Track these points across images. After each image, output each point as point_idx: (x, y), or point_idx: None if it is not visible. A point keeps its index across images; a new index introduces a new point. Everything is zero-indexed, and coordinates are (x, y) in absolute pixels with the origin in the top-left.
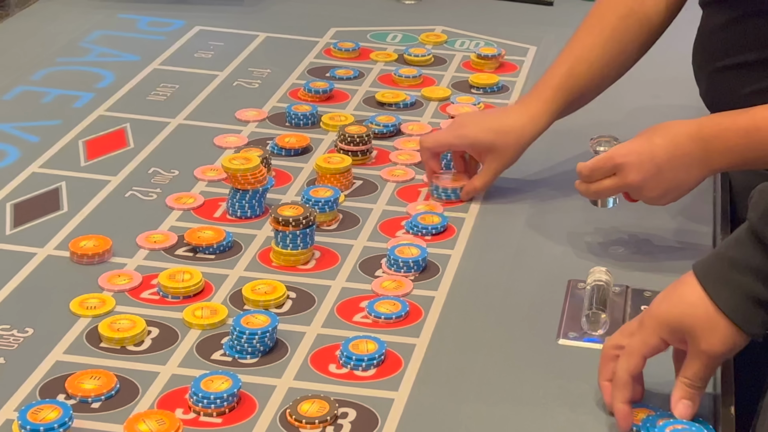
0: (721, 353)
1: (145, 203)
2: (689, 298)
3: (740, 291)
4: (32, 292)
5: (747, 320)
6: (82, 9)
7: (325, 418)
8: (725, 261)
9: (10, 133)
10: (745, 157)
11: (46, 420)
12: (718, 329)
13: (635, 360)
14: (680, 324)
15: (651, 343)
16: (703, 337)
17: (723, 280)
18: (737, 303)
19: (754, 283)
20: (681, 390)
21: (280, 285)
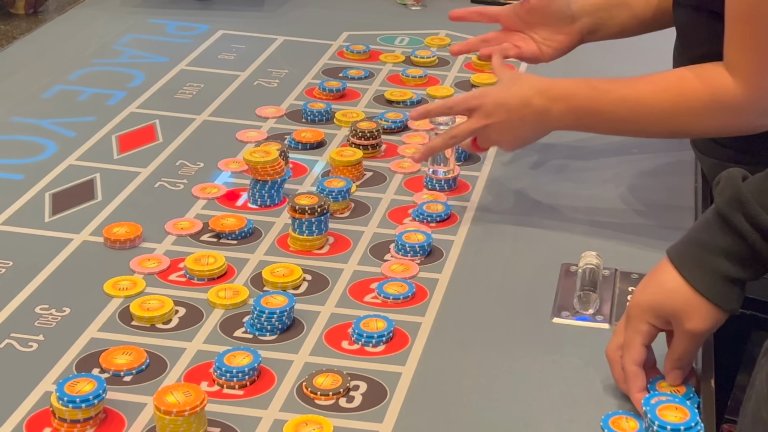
0: (704, 330)
1: (172, 193)
2: (669, 284)
3: (714, 272)
4: (69, 275)
5: (724, 298)
6: (115, 14)
7: (338, 391)
8: (697, 245)
9: (48, 128)
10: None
11: (82, 392)
12: (699, 310)
13: (635, 350)
14: (664, 309)
15: (642, 330)
16: (686, 319)
17: (698, 263)
18: (713, 284)
19: (726, 264)
20: (670, 362)
21: (296, 268)
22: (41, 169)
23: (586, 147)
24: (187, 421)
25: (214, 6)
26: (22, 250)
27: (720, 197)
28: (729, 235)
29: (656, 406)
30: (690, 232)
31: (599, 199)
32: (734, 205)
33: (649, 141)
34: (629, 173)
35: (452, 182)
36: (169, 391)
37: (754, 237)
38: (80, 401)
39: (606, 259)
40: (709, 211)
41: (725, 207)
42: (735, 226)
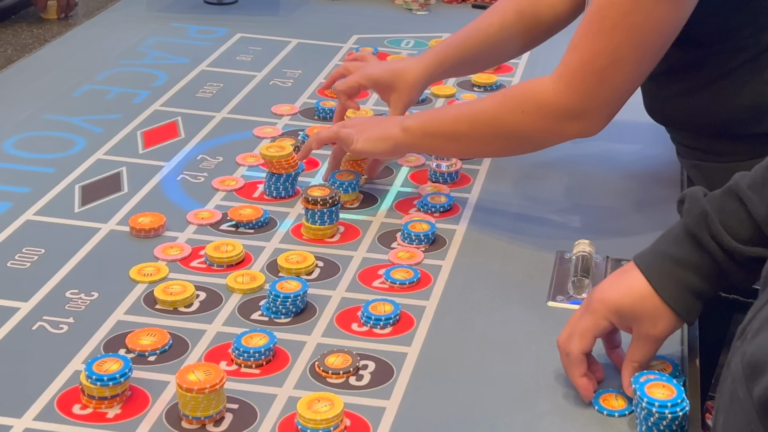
0: (663, 337)
1: (194, 185)
2: (638, 290)
3: (682, 285)
4: (97, 262)
5: (687, 310)
6: (140, 19)
7: (348, 370)
8: (668, 259)
9: (78, 125)
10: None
11: (109, 371)
12: (663, 318)
13: (587, 340)
14: (631, 312)
15: (602, 325)
16: (650, 324)
17: (667, 275)
18: (680, 296)
19: (694, 278)
20: (630, 371)
21: (309, 255)
22: (71, 163)
23: (580, 146)
24: (207, 398)
25: (233, 11)
26: (54, 239)
27: (688, 216)
28: (698, 252)
29: (645, 384)
30: (659, 245)
31: (591, 191)
32: (702, 225)
33: (637, 141)
34: (619, 169)
35: (454, 175)
36: (190, 370)
37: (720, 256)
38: (107, 379)
39: (598, 247)
40: (677, 226)
41: (695, 226)
42: (704, 245)
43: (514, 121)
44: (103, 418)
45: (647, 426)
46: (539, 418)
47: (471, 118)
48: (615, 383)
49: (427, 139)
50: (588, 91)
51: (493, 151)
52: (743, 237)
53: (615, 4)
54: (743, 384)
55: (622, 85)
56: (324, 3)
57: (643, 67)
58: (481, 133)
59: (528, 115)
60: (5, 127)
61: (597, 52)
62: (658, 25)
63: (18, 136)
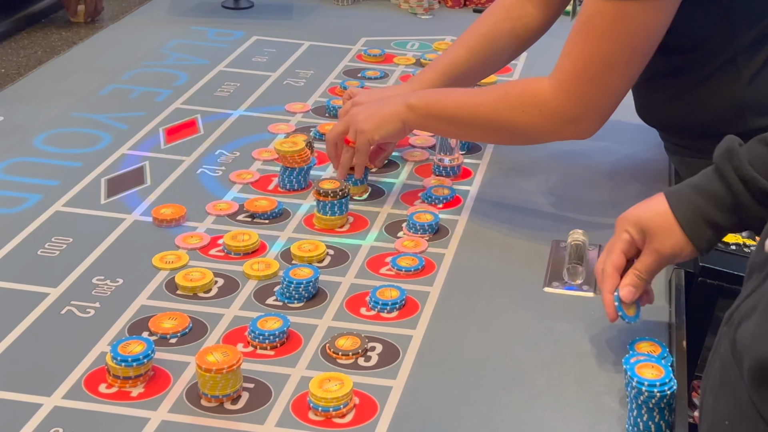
0: (668, 254)
1: (212, 178)
2: (657, 208)
3: (697, 210)
4: (122, 250)
5: (696, 234)
6: (162, 22)
7: (357, 351)
8: (689, 186)
9: (104, 122)
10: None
11: (133, 352)
12: (673, 235)
13: (615, 255)
14: (646, 224)
15: (623, 238)
16: (659, 238)
17: (685, 199)
18: (693, 219)
19: (709, 206)
20: (630, 277)
21: (321, 244)
22: (97, 157)
23: (575, 143)
24: (225, 378)
25: (249, 15)
26: (81, 229)
27: (717, 151)
28: (717, 181)
29: (635, 364)
30: (689, 179)
31: (585, 185)
32: (726, 157)
33: (629, 139)
34: (611, 165)
35: (457, 169)
36: (209, 352)
37: (737, 186)
38: (132, 360)
39: (591, 237)
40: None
41: (719, 158)
42: (724, 175)
43: (514, 119)
44: (128, 396)
45: (637, 404)
46: (536, 397)
47: (472, 108)
48: (611, 360)
49: (430, 120)
50: (584, 97)
51: (491, 140)
52: (764, 175)
53: (603, 13)
54: (735, 368)
55: (615, 89)
56: (334, 8)
57: (633, 71)
58: (481, 124)
59: (528, 115)
60: (36, 124)
61: (590, 60)
62: (645, 30)
63: (48, 133)
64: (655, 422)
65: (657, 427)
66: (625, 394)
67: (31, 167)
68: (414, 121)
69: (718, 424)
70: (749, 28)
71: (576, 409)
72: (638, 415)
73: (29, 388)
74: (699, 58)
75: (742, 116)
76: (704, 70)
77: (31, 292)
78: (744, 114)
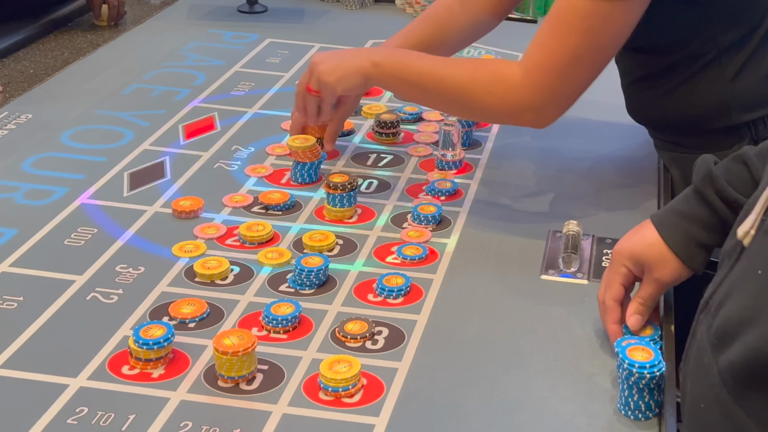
0: (668, 282)
1: (228, 172)
2: (649, 239)
3: (687, 236)
4: (144, 239)
5: (691, 258)
6: (181, 25)
7: (364, 335)
8: (676, 213)
9: (127, 119)
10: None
11: (154, 336)
12: (669, 264)
13: (614, 288)
14: (641, 258)
15: (621, 272)
16: (657, 269)
17: (674, 227)
18: (684, 245)
19: (698, 230)
20: (635, 306)
21: (330, 234)
22: (120, 152)
23: (569, 138)
24: (240, 360)
25: (263, 19)
26: (105, 220)
27: (696, 176)
28: (702, 206)
29: (626, 347)
30: (671, 203)
31: (579, 179)
32: (707, 181)
33: (619, 136)
34: (603, 160)
35: (458, 163)
36: (225, 336)
37: (722, 208)
38: (153, 343)
39: (585, 227)
40: (687, 189)
41: (700, 183)
42: (707, 199)
43: (479, 97)
44: (149, 377)
45: (628, 385)
46: (533, 378)
47: (439, 78)
48: (605, 345)
49: (393, 80)
50: (551, 89)
51: (450, 111)
52: (744, 193)
53: (576, 9)
54: (708, 352)
55: (579, 83)
56: (343, 11)
57: (598, 67)
58: (445, 95)
59: (494, 96)
60: (62, 121)
61: (560, 53)
62: (614, 29)
63: (74, 129)
64: (645, 402)
65: (647, 406)
66: (617, 375)
67: (58, 162)
68: (377, 78)
69: (695, 407)
70: (730, 29)
71: (571, 389)
72: (629, 395)
73: (56, 369)
74: (684, 58)
75: (727, 112)
76: (690, 70)
77: (58, 280)
78: (728, 110)
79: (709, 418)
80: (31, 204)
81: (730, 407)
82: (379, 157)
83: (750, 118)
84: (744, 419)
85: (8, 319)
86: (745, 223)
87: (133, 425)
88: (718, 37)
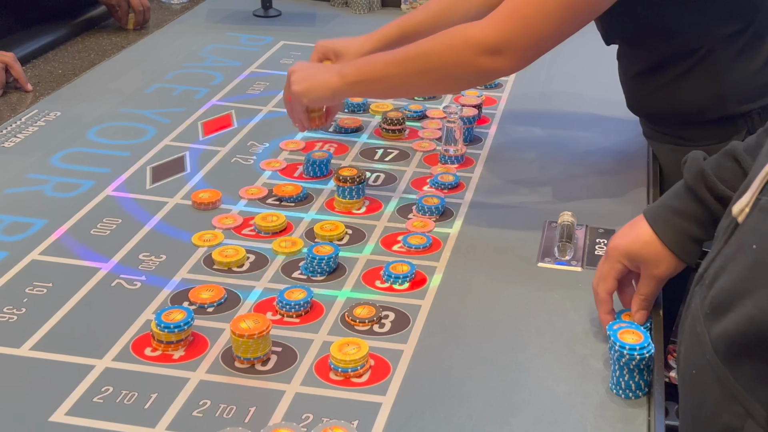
0: (665, 276)
1: (244, 166)
2: (644, 237)
3: (680, 232)
4: (165, 229)
5: (685, 253)
6: (200, 29)
7: (372, 319)
8: (669, 210)
9: (149, 116)
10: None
11: (175, 320)
12: (665, 260)
13: (609, 282)
14: (638, 256)
15: (617, 268)
16: (654, 266)
17: (668, 223)
18: (679, 241)
19: (691, 226)
20: (638, 303)
21: (340, 224)
22: (143, 148)
23: (564, 134)
24: (256, 342)
25: (277, 22)
26: (129, 211)
27: (688, 173)
28: (694, 203)
29: (617, 330)
30: (663, 200)
31: (574, 172)
32: (699, 179)
33: (612, 131)
34: (598, 154)
35: (460, 158)
36: (242, 319)
37: (713, 204)
38: (174, 327)
39: (579, 218)
40: (678, 184)
41: (692, 181)
42: (699, 196)
43: (439, 53)
44: (170, 359)
45: (619, 365)
46: (530, 359)
47: (402, 56)
48: (596, 325)
49: (361, 85)
50: (510, 32)
51: (418, 87)
52: (735, 188)
53: None
54: (701, 321)
55: (542, 35)
56: (352, 16)
57: (564, 25)
58: (409, 70)
59: (453, 48)
60: (89, 119)
61: (526, 2)
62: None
63: (100, 126)
64: (635, 381)
65: (637, 386)
66: (609, 357)
67: (85, 156)
68: (345, 89)
69: (688, 373)
70: (725, 24)
71: (565, 370)
72: (620, 375)
73: (83, 351)
74: (681, 52)
75: (723, 104)
76: (686, 64)
77: (85, 267)
78: (725, 102)
79: (701, 383)
80: (60, 196)
81: (721, 373)
82: (386, 152)
83: (746, 109)
84: (733, 384)
85: (38, 304)
86: (741, 201)
87: (155, 403)
88: (713, 31)
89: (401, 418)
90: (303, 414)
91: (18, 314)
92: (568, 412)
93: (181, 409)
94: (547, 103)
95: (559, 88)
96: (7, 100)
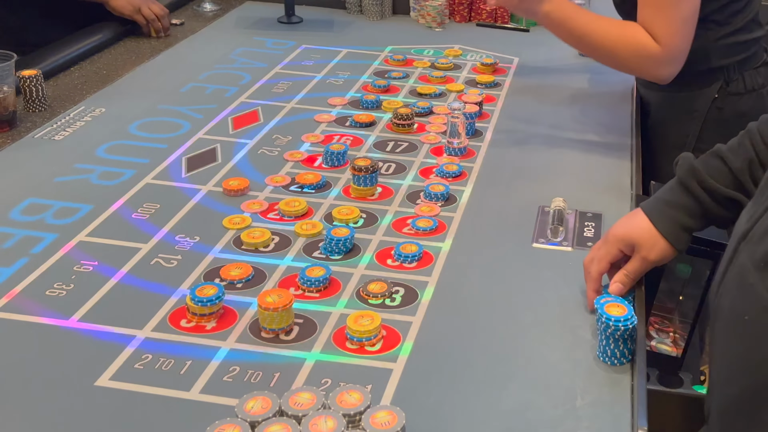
0: (654, 260)
1: (270, 157)
2: (641, 225)
3: (674, 222)
4: (199, 213)
5: (677, 240)
6: (230, 34)
7: (384, 294)
8: (664, 203)
9: (185, 113)
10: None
11: (208, 294)
12: (658, 245)
13: (602, 263)
14: (635, 239)
15: (613, 252)
16: (646, 249)
17: (663, 214)
18: (672, 229)
19: (683, 216)
20: (620, 276)
21: (356, 209)
22: (179, 140)
23: (556, 128)
24: (280, 315)
25: (299, 28)
26: (167, 197)
27: (680, 170)
28: (687, 196)
29: (604, 304)
30: (658, 194)
31: (565, 162)
32: (691, 174)
33: (599, 126)
34: (587, 147)
35: (463, 150)
36: (267, 294)
37: (703, 197)
38: (206, 301)
39: (569, 203)
40: (672, 181)
41: (684, 176)
42: (692, 190)
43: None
44: (203, 329)
45: (606, 336)
46: (525, 330)
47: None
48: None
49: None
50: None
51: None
52: (723, 183)
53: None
54: (753, 273)
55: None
56: (366, 22)
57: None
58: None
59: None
60: (130, 114)
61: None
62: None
63: (140, 121)
64: (620, 350)
65: (621, 354)
66: (596, 328)
67: (127, 148)
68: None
69: (739, 320)
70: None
71: (557, 340)
72: (606, 344)
73: (126, 322)
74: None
75: (707, 59)
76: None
77: (127, 247)
78: (709, 57)
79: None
80: (104, 184)
81: None
82: (397, 144)
83: (726, 63)
84: None
85: (85, 280)
86: None
87: (190, 369)
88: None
89: (410, 383)
90: (322, 379)
91: (67, 289)
92: (559, 377)
93: (213, 375)
94: (541, 100)
95: (553, 86)
96: (57, 97)
